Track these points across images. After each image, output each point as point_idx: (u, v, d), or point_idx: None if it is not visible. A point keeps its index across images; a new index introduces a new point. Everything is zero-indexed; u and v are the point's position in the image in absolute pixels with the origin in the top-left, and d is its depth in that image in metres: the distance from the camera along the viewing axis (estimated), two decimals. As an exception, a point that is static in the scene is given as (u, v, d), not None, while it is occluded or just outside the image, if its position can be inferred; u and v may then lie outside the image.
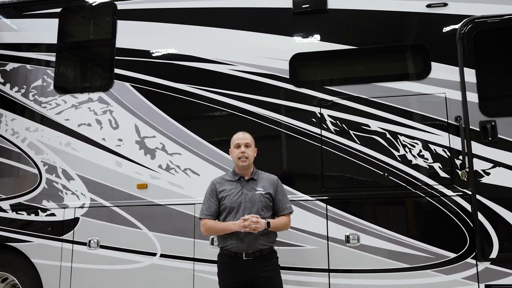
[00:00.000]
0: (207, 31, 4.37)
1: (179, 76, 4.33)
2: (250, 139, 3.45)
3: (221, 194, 3.36)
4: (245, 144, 3.40)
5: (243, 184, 3.38)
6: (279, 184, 3.46)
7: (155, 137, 4.30)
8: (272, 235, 3.35)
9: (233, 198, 3.32)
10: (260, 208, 3.30)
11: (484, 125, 3.71)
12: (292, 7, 4.22)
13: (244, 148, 3.38)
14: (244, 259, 3.22)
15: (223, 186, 3.39)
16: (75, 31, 4.85)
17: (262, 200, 3.33)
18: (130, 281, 4.12)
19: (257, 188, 3.37)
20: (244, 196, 3.32)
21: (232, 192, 3.35)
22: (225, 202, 3.33)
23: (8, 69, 4.83)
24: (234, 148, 3.43)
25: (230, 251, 3.26)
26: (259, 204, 3.31)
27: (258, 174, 3.49)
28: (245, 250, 3.22)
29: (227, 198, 3.33)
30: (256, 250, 3.24)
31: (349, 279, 3.73)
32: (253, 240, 3.22)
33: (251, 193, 3.34)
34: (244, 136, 3.45)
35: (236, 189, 3.36)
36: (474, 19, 3.87)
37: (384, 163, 3.82)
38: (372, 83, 3.96)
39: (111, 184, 4.32)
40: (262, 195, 3.34)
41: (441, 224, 3.66)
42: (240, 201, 3.31)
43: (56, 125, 4.56)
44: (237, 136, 3.46)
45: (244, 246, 3.22)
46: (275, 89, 4.12)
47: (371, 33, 4.07)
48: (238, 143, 3.41)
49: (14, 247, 4.42)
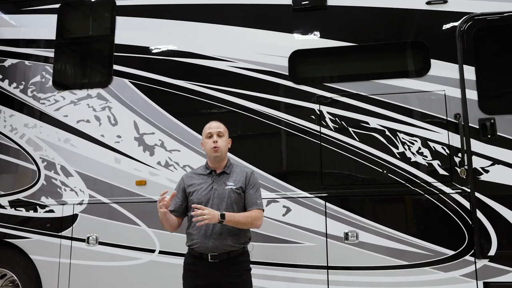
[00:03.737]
0: (206, 28, 4.36)
1: (178, 73, 4.32)
2: (223, 128, 3.22)
3: (189, 189, 3.14)
4: (217, 133, 3.16)
5: (213, 178, 3.14)
6: (252, 177, 3.18)
7: (154, 133, 4.29)
8: (243, 235, 3.09)
9: (201, 193, 3.09)
10: (229, 204, 3.05)
11: (484, 123, 3.71)
12: (292, 3, 4.21)
13: (217, 137, 3.14)
14: (210, 261, 2.95)
15: (192, 180, 3.17)
16: (74, 27, 4.83)
17: (231, 195, 3.07)
18: (129, 277, 4.12)
19: (228, 182, 3.11)
20: (213, 192, 3.08)
21: (201, 186, 3.12)
22: (192, 198, 3.10)
23: (7, 65, 4.81)
24: (206, 138, 3.18)
25: (195, 251, 3.02)
26: (228, 200, 3.06)
27: (232, 167, 3.23)
28: (211, 251, 2.96)
29: (195, 194, 3.10)
30: (223, 252, 2.97)
31: (348, 276, 3.73)
32: (220, 240, 2.97)
33: (221, 188, 3.09)
34: (216, 125, 3.21)
35: (206, 184, 3.12)
36: (474, 17, 3.86)
37: (383, 161, 3.82)
38: (372, 80, 3.95)
39: (110, 180, 4.31)
40: (233, 190, 3.08)
41: (440, 221, 3.66)
42: (209, 196, 3.07)
43: (54, 122, 4.55)
44: (209, 126, 3.22)
45: (209, 246, 2.96)
46: (274, 86, 4.11)
47: (371, 30, 4.06)
48: (210, 132, 3.17)
49: (13, 243, 4.41)
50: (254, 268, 3.85)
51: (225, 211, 2.99)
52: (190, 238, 3.08)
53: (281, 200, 3.93)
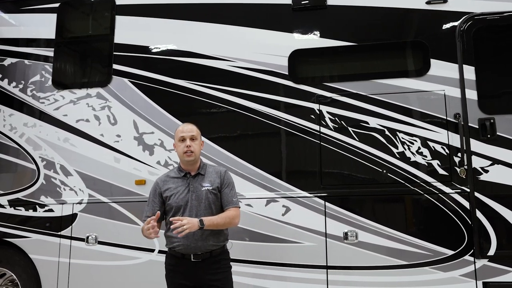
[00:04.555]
0: (206, 27, 4.36)
1: (178, 72, 4.32)
2: (196, 131, 3.18)
3: (166, 193, 3.11)
4: (190, 137, 3.12)
5: (189, 180, 3.13)
6: (226, 176, 3.19)
7: (153, 133, 4.29)
8: (222, 234, 3.11)
9: (179, 197, 3.07)
10: (207, 205, 3.07)
11: (483, 123, 3.70)
12: (292, 3, 4.21)
13: (190, 141, 3.10)
14: (193, 261, 3.00)
15: (167, 185, 3.14)
16: (74, 26, 4.83)
17: (209, 196, 3.08)
18: (128, 277, 4.12)
19: (204, 184, 3.11)
20: (190, 194, 3.07)
21: (177, 190, 3.10)
22: (170, 202, 3.08)
23: (6, 64, 4.81)
24: (179, 141, 3.14)
25: (177, 252, 3.03)
26: (205, 201, 3.07)
27: (206, 168, 3.22)
28: (193, 251, 2.99)
29: (172, 198, 3.08)
30: (205, 252, 3.01)
31: (347, 275, 3.73)
32: (202, 241, 3.00)
33: (198, 189, 3.09)
34: (188, 128, 3.17)
35: (182, 187, 3.11)
36: (474, 16, 3.86)
37: (382, 160, 3.81)
38: (371, 80, 3.95)
39: (109, 180, 4.31)
40: (209, 191, 3.09)
41: (440, 221, 3.66)
42: (187, 199, 3.06)
43: (54, 121, 4.54)
44: (181, 129, 3.18)
45: (192, 247, 2.99)
46: (274, 86, 4.11)
47: (371, 30, 4.05)
48: (183, 136, 3.12)
49: (12, 242, 4.41)
50: (253, 268, 3.86)
51: (203, 212, 3.04)
52: (171, 241, 3.08)
53: (280, 200, 3.93)
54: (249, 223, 3.93)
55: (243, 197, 3.97)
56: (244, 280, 3.85)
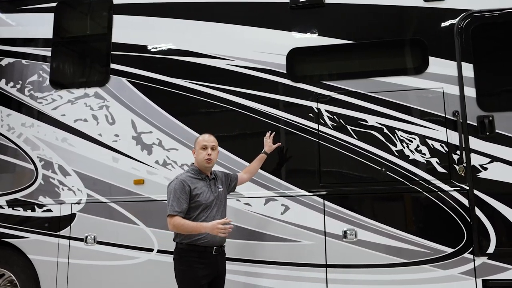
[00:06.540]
0: (203, 26, 4.35)
1: (176, 71, 4.31)
2: (215, 142, 3.53)
3: (195, 191, 3.34)
4: (212, 146, 3.47)
5: (209, 182, 3.47)
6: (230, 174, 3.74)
7: (151, 132, 4.28)
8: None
9: (206, 195, 3.37)
10: (225, 204, 3.52)
11: (482, 120, 3.70)
12: (289, 1, 4.20)
13: (211, 150, 3.45)
14: (213, 254, 3.33)
15: (195, 184, 3.38)
16: (71, 26, 4.82)
17: (224, 197, 3.54)
18: (127, 277, 4.12)
19: (219, 185, 3.52)
20: (213, 194, 3.43)
21: (203, 190, 3.38)
22: (200, 199, 3.33)
23: (4, 64, 4.80)
24: (200, 149, 3.46)
25: (200, 246, 3.29)
26: (224, 200, 3.51)
27: (215, 172, 3.63)
28: (217, 245, 3.35)
29: (201, 196, 3.35)
30: (223, 245, 3.45)
31: (346, 274, 3.73)
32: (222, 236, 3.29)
33: (216, 190, 3.47)
34: (210, 139, 3.51)
35: (205, 187, 3.41)
36: (472, 13, 3.85)
37: (381, 158, 3.81)
38: (370, 77, 3.94)
39: (107, 179, 4.31)
40: (224, 192, 3.55)
41: (439, 219, 3.66)
42: (213, 198, 3.40)
43: (52, 121, 4.54)
44: (204, 138, 3.51)
45: (217, 241, 3.33)
46: (272, 84, 4.10)
47: (369, 28, 4.05)
48: (205, 144, 3.46)
49: (11, 243, 4.41)
50: (253, 267, 3.87)
51: (223, 209, 3.49)
52: (194, 235, 3.28)
53: (279, 199, 3.93)
54: (248, 222, 3.93)
55: (242, 196, 3.97)
56: (243, 279, 3.85)
